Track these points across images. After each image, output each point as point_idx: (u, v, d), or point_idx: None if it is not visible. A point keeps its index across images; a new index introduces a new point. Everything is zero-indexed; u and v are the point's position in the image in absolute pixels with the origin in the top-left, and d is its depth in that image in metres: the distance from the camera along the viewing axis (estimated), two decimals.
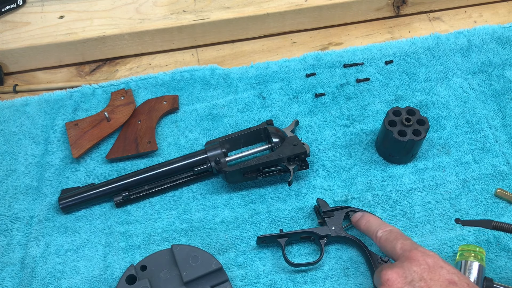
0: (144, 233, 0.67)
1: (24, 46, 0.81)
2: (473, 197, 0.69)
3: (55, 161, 0.74)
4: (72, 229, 0.68)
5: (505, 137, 0.75)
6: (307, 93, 0.80)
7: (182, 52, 0.88)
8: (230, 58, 0.87)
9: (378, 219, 0.61)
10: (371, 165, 0.72)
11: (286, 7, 0.85)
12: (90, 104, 0.80)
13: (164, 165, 0.70)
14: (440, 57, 0.84)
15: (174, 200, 0.70)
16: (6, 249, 0.66)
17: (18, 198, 0.70)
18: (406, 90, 0.80)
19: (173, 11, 0.86)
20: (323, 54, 0.85)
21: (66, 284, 0.63)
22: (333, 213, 0.65)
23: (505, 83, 0.81)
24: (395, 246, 0.54)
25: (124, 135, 0.75)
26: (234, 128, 0.77)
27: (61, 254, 0.66)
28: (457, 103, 0.79)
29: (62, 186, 0.71)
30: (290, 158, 0.67)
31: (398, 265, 0.52)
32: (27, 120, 0.78)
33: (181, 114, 0.79)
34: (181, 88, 0.81)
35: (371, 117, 0.77)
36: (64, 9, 0.86)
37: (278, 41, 0.89)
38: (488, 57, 0.84)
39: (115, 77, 0.85)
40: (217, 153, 0.70)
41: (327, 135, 0.76)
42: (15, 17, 0.85)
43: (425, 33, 0.88)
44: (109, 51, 0.85)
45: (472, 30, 0.87)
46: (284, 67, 0.83)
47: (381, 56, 0.84)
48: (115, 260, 0.65)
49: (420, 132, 0.67)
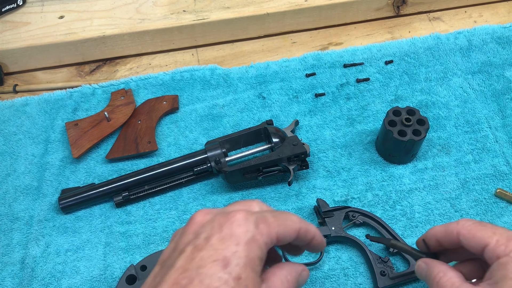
0: (144, 233, 0.67)
1: (24, 46, 0.81)
2: (473, 197, 0.69)
3: (55, 161, 0.74)
4: (72, 229, 0.68)
5: (505, 137, 0.75)
6: (307, 93, 0.80)
7: (182, 52, 0.88)
8: (230, 58, 0.87)
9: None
10: (371, 165, 0.72)
11: (286, 7, 0.85)
12: (90, 104, 0.80)
13: (164, 165, 0.70)
14: (440, 57, 0.84)
15: (174, 200, 0.70)
16: (6, 249, 0.66)
17: (18, 198, 0.70)
18: (406, 90, 0.80)
19: (173, 11, 0.86)
20: (323, 54, 0.85)
21: (66, 284, 0.63)
22: (333, 213, 0.65)
23: (505, 83, 0.81)
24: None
25: (124, 135, 0.75)
26: (234, 128, 0.77)
27: (61, 254, 0.66)
28: (457, 103, 0.79)
29: (62, 186, 0.71)
30: (290, 158, 0.67)
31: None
32: (27, 120, 0.78)
33: (181, 114, 0.79)
34: (181, 88, 0.81)
35: (371, 117, 0.77)
36: (64, 9, 0.86)
37: (278, 41, 0.89)
38: (488, 57, 0.84)
39: (115, 77, 0.85)
40: (217, 153, 0.70)
41: (327, 135, 0.76)
42: (15, 17, 0.85)
43: (425, 33, 0.88)
44: (109, 51, 0.85)
45: (472, 30, 0.87)
46: (284, 67, 0.84)
47: (381, 56, 0.84)
48: (115, 260, 0.65)
49: (420, 132, 0.67)
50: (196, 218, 0.43)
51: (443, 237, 0.50)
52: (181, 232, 0.43)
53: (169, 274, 0.39)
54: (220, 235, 0.40)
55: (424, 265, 0.51)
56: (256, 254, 0.40)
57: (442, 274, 0.48)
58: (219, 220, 0.41)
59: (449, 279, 0.47)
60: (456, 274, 0.47)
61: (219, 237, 0.40)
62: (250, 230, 0.41)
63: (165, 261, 0.41)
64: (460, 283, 0.46)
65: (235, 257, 0.39)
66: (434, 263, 0.50)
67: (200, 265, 0.38)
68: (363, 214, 0.66)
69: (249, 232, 0.40)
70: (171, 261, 0.40)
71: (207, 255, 0.39)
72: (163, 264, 0.41)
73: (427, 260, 0.51)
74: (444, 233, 0.50)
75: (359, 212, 0.66)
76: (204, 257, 0.39)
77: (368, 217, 0.66)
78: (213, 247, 0.39)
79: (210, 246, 0.39)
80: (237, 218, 0.41)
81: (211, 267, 0.38)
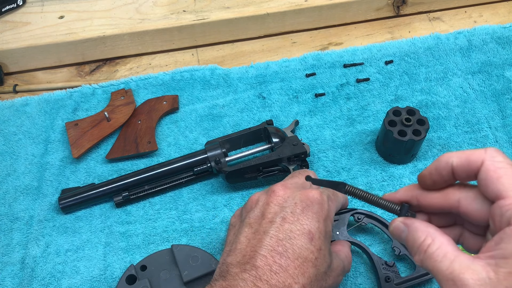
0: (144, 233, 0.67)
1: (24, 46, 0.81)
2: None
3: (55, 161, 0.74)
4: (72, 229, 0.68)
5: (505, 137, 0.75)
6: (307, 93, 0.80)
7: (182, 52, 0.88)
8: (230, 58, 0.87)
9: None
10: (371, 165, 0.72)
11: (286, 7, 0.85)
12: (90, 104, 0.80)
13: (164, 165, 0.70)
14: (440, 57, 0.84)
15: (174, 200, 0.70)
16: (6, 249, 0.66)
17: (18, 198, 0.70)
18: (406, 90, 0.80)
19: (173, 11, 0.86)
20: (323, 54, 0.85)
21: (66, 284, 0.63)
22: (338, 216, 0.62)
23: (505, 83, 0.81)
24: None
25: (124, 135, 0.75)
26: (234, 128, 0.77)
27: (61, 254, 0.66)
28: (457, 103, 0.79)
29: (62, 186, 0.71)
30: (290, 158, 0.67)
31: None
32: (27, 120, 0.78)
33: (181, 114, 0.79)
34: (181, 88, 0.81)
35: (371, 117, 0.77)
36: (64, 9, 0.86)
37: (278, 41, 0.89)
38: (488, 57, 0.84)
39: (115, 77, 0.85)
40: (217, 153, 0.70)
41: (327, 135, 0.76)
42: (15, 17, 0.85)
43: (425, 33, 0.88)
44: (109, 51, 0.85)
45: (472, 30, 0.87)
46: (284, 67, 0.84)
47: (381, 56, 0.84)
48: (115, 260, 0.65)
49: (420, 132, 0.67)
50: (278, 191, 0.51)
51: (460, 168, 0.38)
52: (265, 201, 0.51)
53: (266, 240, 0.47)
54: (304, 211, 0.48)
55: (403, 227, 0.40)
56: (329, 228, 0.50)
57: (430, 240, 0.37)
58: (300, 197, 0.49)
59: (439, 247, 0.36)
60: (448, 241, 0.36)
61: (302, 212, 0.48)
62: (325, 208, 0.50)
63: (255, 226, 0.49)
64: (455, 254, 0.35)
65: (318, 231, 0.48)
66: (416, 224, 0.39)
67: (291, 237, 0.46)
68: (370, 217, 0.64)
69: (325, 210, 0.50)
70: (263, 228, 0.48)
71: (295, 228, 0.47)
72: (253, 227, 0.49)
73: (407, 221, 0.40)
74: (466, 161, 0.37)
75: (365, 214, 0.64)
76: (293, 229, 0.47)
77: (375, 219, 0.64)
78: (300, 221, 0.47)
79: (296, 220, 0.48)
80: (315, 197, 0.50)
81: (300, 239, 0.46)
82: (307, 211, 0.48)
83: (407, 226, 0.39)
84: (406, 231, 0.39)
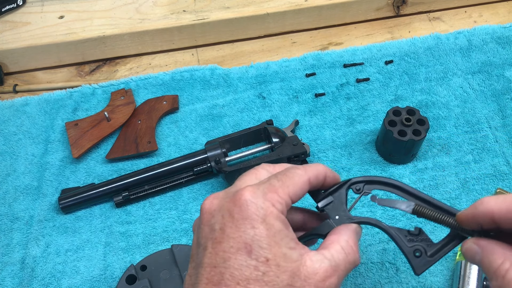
0: (144, 233, 0.67)
1: (24, 46, 0.81)
2: (473, 197, 0.69)
3: (55, 161, 0.74)
4: (72, 229, 0.68)
5: (505, 137, 0.75)
6: (307, 93, 0.80)
7: (182, 52, 0.88)
8: (230, 58, 0.87)
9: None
10: (371, 165, 0.72)
11: (286, 7, 0.85)
12: (90, 104, 0.80)
13: (164, 165, 0.70)
14: (440, 57, 0.84)
15: (174, 200, 0.70)
16: (6, 249, 0.66)
17: (18, 198, 0.70)
18: (406, 90, 0.80)
19: (173, 11, 0.86)
20: (323, 54, 0.85)
21: (66, 284, 0.63)
22: (331, 197, 0.48)
23: (505, 83, 0.81)
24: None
25: (124, 135, 0.75)
26: (234, 128, 0.77)
27: (61, 254, 0.66)
28: (457, 103, 0.79)
29: (62, 186, 0.71)
30: (290, 158, 0.67)
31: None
32: (27, 120, 0.78)
33: (181, 114, 0.79)
34: (181, 88, 0.81)
35: (371, 117, 0.77)
36: (64, 9, 0.86)
37: (278, 41, 0.89)
38: (488, 57, 0.84)
39: (115, 77, 0.85)
40: (217, 153, 0.70)
41: (327, 135, 0.76)
42: (15, 17, 0.85)
43: (425, 33, 0.88)
44: (109, 51, 0.85)
45: (472, 30, 0.87)
46: (284, 67, 0.84)
47: (381, 56, 0.84)
48: (115, 260, 0.65)
49: (420, 132, 0.67)
50: (204, 206, 0.41)
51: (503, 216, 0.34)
52: (198, 224, 0.42)
53: (201, 273, 0.38)
54: (233, 222, 0.38)
55: (476, 248, 0.36)
56: (276, 228, 0.38)
57: (509, 264, 0.33)
58: (227, 206, 0.39)
59: None
60: None
61: (232, 224, 0.38)
62: (260, 206, 0.39)
63: (194, 259, 0.41)
64: None
65: (255, 240, 0.37)
66: (491, 246, 0.35)
67: (225, 258, 0.37)
68: (371, 182, 0.49)
69: (260, 210, 0.39)
70: (199, 259, 0.40)
71: (228, 246, 0.38)
72: (193, 261, 0.41)
73: (481, 242, 0.36)
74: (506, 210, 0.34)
75: (365, 181, 0.49)
76: (226, 249, 0.38)
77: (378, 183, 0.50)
78: (230, 236, 0.38)
79: (227, 236, 0.38)
80: (244, 199, 0.39)
81: (237, 257, 0.37)
82: (237, 220, 0.38)
83: (481, 248, 0.35)
84: (480, 253, 0.35)
